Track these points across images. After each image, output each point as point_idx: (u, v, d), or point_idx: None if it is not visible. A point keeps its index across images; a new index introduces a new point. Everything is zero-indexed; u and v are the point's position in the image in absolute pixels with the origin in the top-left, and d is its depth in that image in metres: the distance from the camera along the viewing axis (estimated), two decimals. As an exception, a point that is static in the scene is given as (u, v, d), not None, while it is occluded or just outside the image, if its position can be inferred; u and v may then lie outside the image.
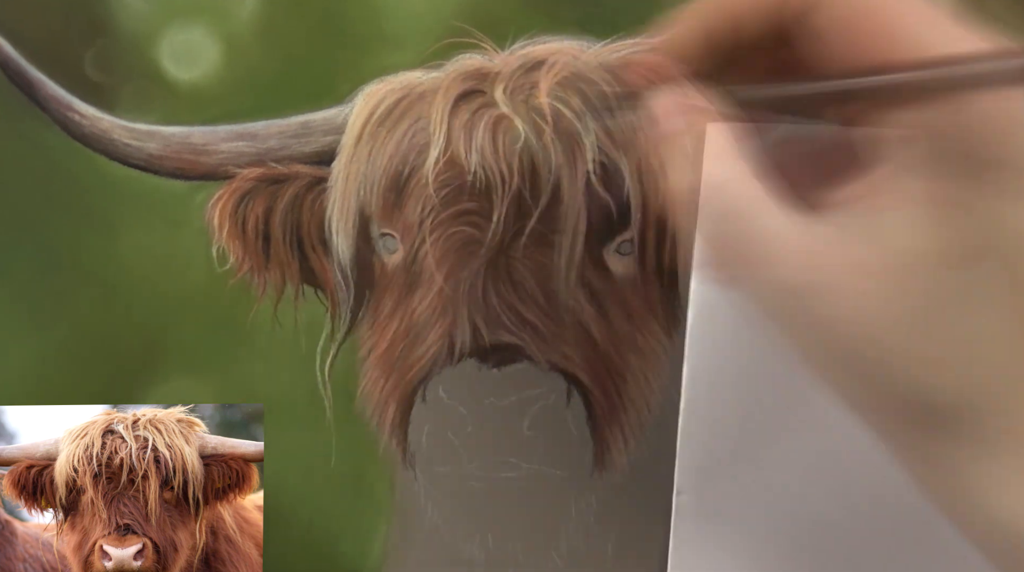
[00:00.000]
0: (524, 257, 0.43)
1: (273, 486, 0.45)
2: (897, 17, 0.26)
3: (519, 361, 0.44)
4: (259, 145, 0.43)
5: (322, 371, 0.45)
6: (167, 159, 0.43)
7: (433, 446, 0.45)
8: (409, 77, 0.43)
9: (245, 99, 0.43)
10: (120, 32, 0.42)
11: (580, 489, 0.46)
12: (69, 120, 0.43)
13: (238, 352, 0.44)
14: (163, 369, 0.44)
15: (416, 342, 0.44)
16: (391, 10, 0.43)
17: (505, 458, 0.45)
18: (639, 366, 0.44)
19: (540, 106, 0.43)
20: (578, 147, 0.43)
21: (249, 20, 0.43)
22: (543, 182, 0.43)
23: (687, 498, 0.41)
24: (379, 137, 0.43)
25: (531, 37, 0.43)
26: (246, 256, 0.44)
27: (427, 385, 0.44)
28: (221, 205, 0.43)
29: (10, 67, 0.42)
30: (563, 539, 0.46)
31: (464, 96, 0.43)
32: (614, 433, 0.45)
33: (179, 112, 0.43)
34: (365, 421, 0.45)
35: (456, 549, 0.46)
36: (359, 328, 0.45)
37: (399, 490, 0.46)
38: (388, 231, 0.44)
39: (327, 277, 0.44)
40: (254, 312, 0.44)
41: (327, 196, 0.44)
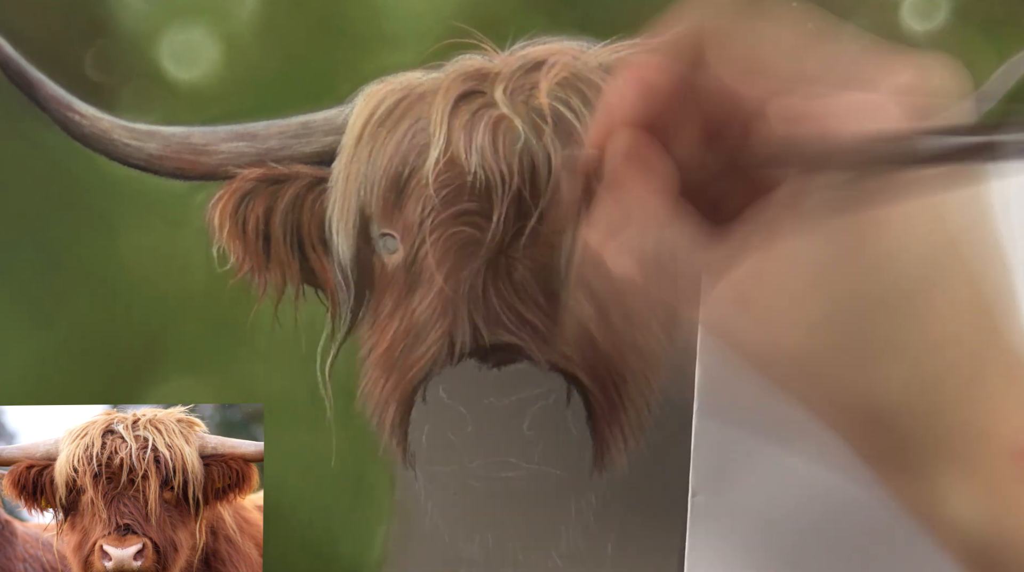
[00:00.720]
0: (524, 257, 0.43)
1: (273, 486, 0.45)
2: (772, 51, 0.27)
3: (519, 361, 0.44)
4: (259, 145, 0.43)
5: (322, 371, 0.45)
6: (167, 159, 0.43)
7: (433, 446, 0.45)
8: (409, 77, 0.43)
9: (245, 99, 0.43)
10: (120, 32, 0.42)
11: (580, 489, 0.46)
12: (69, 120, 0.43)
13: (238, 352, 0.44)
14: (163, 369, 0.44)
15: (416, 342, 0.44)
16: (391, 10, 0.43)
17: (505, 458, 0.45)
18: (639, 366, 0.45)
19: (540, 106, 0.43)
20: (578, 147, 0.43)
21: (249, 20, 0.43)
22: (543, 182, 0.43)
23: (702, 499, 0.41)
24: (379, 137, 0.43)
25: (531, 37, 0.43)
26: (246, 256, 0.44)
27: (427, 385, 0.44)
28: (221, 205, 0.43)
29: (10, 67, 0.42)
30: (563, 539, 0.46)
31: (464, 96, 0.43)
32: (614, 433, 0.45)
33: (179, 112, 0.43)
34: (365, 421, 0.45)
35: (456, 549, 0.46)
36: (359, 328, 0.45)
37: (399, 490, 0.46)
38: (388, 231, 0.44)
39: (327, 277, 0.44)
40: (254, 312, 0.44)
41: (327, 196, 0.44)
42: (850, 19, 0.44)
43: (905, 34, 0.44)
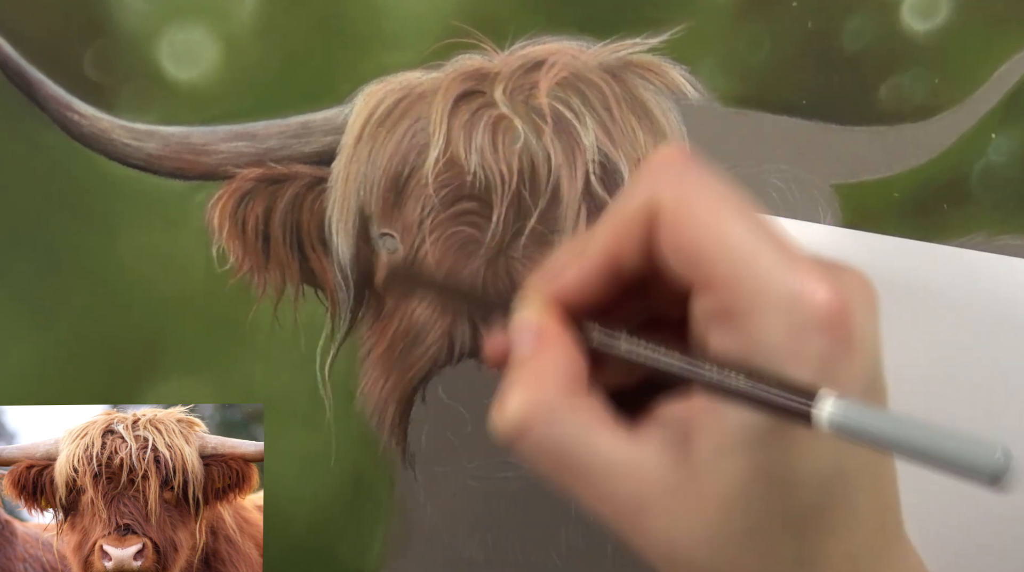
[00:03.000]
0: (524, 257, 0.43)
1: (273, 486, 0.45)
2: (717, 240, 0.25)
3: (519, 361, 0.44)
4: (259, 145, 0.43)
5: (322, 371, 0.45)
6: (166, 159, 0.43)
7: (433, 446, 0.45)
8: (409, 77, 0.43)
9: (245, 99, 0.43)
10: (120, 32, 0.42)
11: (580, 489, 0.46)
12: (69, 120, 0.43)
13: (238, 352, 0.44)
14: (163, 369, 0.44)
15: (416, 342, 0.44)
16: (391, 10, 0.43)
17: (505, 458, 0.45)
18: (639, 366, 0.44)
19: (540, 106, 0.43)
20: (578, 147, 0.43)
21: (249, 20, 0.43)
22: (543, 182, 0.43)
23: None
24: (379, 137, 0.43)
25: (531, 37, 0.43)
26: (246, 256, 0.44)
27: (427, 385, 0.44)
28: (221, 205, 0.43)
29: (10, 67, 0.42)
30: (563, 539, 0.46)
31: (464, 96, 0.43)
32: (614, 433, 0.45)
33: (179, 112, 0.43)
34: (365, 421, 0.45)
35: (456, 549, 0.46)
36: (359, 328, 0.45)
37: (399, 490, 0.46)
38: (388, 231, 0.44)
39: (327, 277, 0.44)
40: (254, 312, 0.44)
41: (327, 196, 0.44)
42: (850, 19, 0.44)
43: (905, 34, 0.44)
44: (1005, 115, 0.45)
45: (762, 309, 0.24)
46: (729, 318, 0.24)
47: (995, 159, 0.45)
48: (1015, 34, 0.45)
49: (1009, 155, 0.45)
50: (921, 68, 0.44)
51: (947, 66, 0.44)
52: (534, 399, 0.26)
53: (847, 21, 0.44)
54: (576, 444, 0.26)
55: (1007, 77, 0.45)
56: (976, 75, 0.45)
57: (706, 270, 0.25)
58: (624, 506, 0.26)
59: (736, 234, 0.24)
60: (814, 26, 0.44)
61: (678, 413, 0.26)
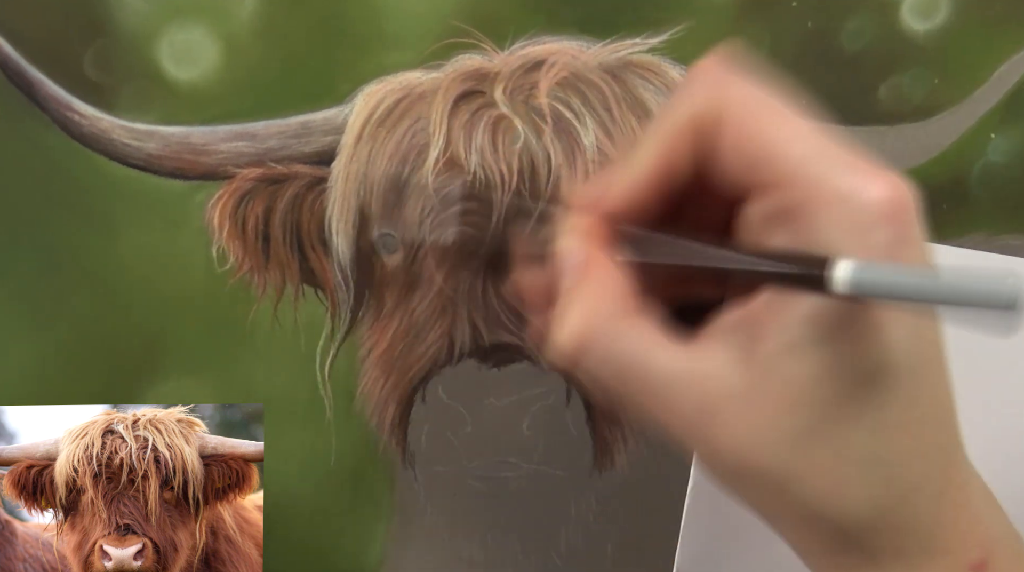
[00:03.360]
0: (524, 257, 0.43)
1: (273, 486, 0.45)
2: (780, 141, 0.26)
3: (519, 361, 0.44)
4: (259, 145, 0.43)
5: (322, 371, 0.45)
6: (166, 159, 0.43)
7: (433, 446, 0.45)
8: (409, 77, 0.43)
9: (245, 99, 0.43)
10: (120, 32, 0.42)
11: (580, 489, 0.46)
12: (69, 120, 0.43)
13: (238, 352, 0.44)
14: (163, 369, 0.44)
15: (416, 342, 0.44)
16: (391, 10, 0.43)
17: (505, 458, 0.45)
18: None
19: (540, 106, 0.43)
20: (578, 147, 0.43)
21: (249, 20, 0.43)
22: (543, 182, 0.43)
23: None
24: (379, 137, 0.43)
25: (531, 37, 0.43)
26: (246, 256, 0.44)
27: (427, 385, 0.44)
28: (221, 205, 0.43)
29: (10, 67, 0.42)
30: (563, 539, 0.46)
31: (464, 96, 0.43)
32: (614, 433, 0.45)
33: (179, 112, 0.43)
34: (365, 421, 0.45)
35: (456, 549, 0.46)
36: (359, 328, 0.45)
37: (399, 490, 0.46)
38: (388, 231, 0.44)
39: (327, 277, 0.44)
40: (254, 312, 0.44)
41: (327, 196, 0.44)
42: (850, 19, 0.44)
43: (905, 34, 0.44)
44: (1005, 115, 0.45)
45: (828, 205, 0.24)
46: (792, 217, 0.25)
47: (995, 159, 0.45)
48: (1015, 34, 0.45)
49: (1009, 155, 0.45)
50: (921, 68, 0.44)
51: (947, 66, 0.44)
52: (589, 320, 0.27)
53: (847, 21, 0.44)
54: (636, 358, 0.26)
55: (1007, 77, 0.45)
56: (976, 75, 0.45)
57: (772, 170, 0.25)
58: (690, 415, 0.26)
59: (800, 135, 0.25)
60: (814, 26, 0.44)
61: (740, 318, 0.26)
